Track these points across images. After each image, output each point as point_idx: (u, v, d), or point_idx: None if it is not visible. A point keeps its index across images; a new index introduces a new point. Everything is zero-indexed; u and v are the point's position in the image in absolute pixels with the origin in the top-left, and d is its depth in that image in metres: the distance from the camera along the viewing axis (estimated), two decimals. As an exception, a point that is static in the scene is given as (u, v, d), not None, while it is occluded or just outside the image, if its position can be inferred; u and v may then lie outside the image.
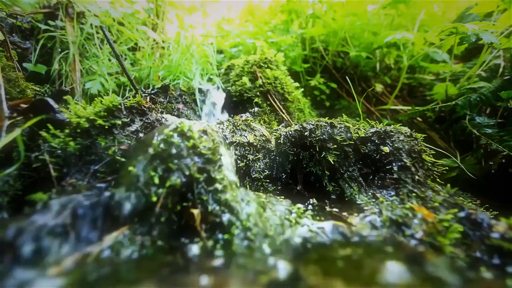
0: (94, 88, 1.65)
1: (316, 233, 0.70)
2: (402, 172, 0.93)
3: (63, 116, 0.89)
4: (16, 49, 1.60)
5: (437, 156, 1.11)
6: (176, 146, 0.70)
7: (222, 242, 0.62)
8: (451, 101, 1.59)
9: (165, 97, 1.63)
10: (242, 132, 1.15)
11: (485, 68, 1.86)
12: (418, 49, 2.03)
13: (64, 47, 1.80)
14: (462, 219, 0.72)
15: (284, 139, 1.11)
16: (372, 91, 2.33)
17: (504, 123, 1.50)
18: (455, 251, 0.64)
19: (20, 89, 1.28)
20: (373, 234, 0.71)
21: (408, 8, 2.16)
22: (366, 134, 1.02)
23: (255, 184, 1.03)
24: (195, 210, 0.65)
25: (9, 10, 1.67)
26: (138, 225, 0.63)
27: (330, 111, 2.32)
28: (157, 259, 0.57)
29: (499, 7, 1.65)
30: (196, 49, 2.07)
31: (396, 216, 0.75)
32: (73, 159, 0.82)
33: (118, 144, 0.87)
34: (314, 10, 2.41)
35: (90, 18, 1.78)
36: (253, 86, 1.79)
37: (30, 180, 0.81)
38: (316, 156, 1.03)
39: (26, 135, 0.85)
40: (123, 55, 1.96)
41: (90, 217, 0.63)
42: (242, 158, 1.05)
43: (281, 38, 2.39)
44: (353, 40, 2.32)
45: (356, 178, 0.98)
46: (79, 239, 0.59)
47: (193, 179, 0.68)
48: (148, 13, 2.33)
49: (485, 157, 1.41)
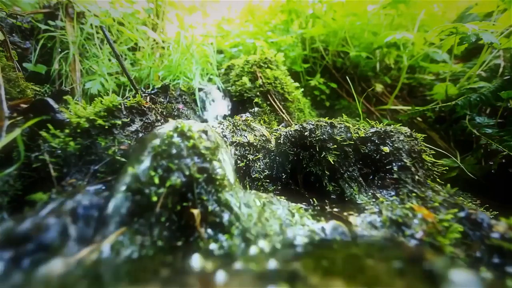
0: (94, 88, 1.65)
1: (316, 233, 0.70)
2: (402, 172, 0.93)
3: (63, 116, 0.89)
4: (16, 49, 1.60)
5: (437, 156, 1.11)
6: (176, 146, 0.70)
7: (222, 242, 0.62)
8: (451, 101, 1.59)
9: (165, 97, 1.62)
10: (242, 132, 1.15)
11: (485, 68, 1.86)
12: (418, 49, 2.03)
13: (64, 47, 1.80)
14: (462, 219, 0.72)
15: (284, 139, 1.11)
16: (372, 91, 2.33)
17: (504, 123, 1.50)
18: (455, 251, 0.64)
19: (20, 89, 1.28)
20: (373, 234, 0.71)
21: (408, 8, 2.16)
22: (366, 134, 1.02)
23: (255, 184, 1.03)
24: (195, 210, 0.65)
25: (9, 10, 1.67)
26: (138, 225, 0.63)
27: (330, 111, 2.32)
28: (157, 259, 0.57)
29: (499, 7, 1.65)
30: (196, 49, 2.07)
31: (396, 216, 0.75)
32: (73, 159, 0.82)
33: (118, 144, 0.87)
34: (314, 10, 2.41)
35: (90, 18, 1.78)
36: (253, 86, 1.79)
37: (30, 180, 0.81)
38: (316, 156, 1.03)
39: (26, 135, 0.85)
40: (123, 55, 1.96)
41: (90, 217, 0.63)
42: (242, 158, 1.05)
43: (281, 38, 2.39)
44: (353, 40, 2.32)
45: (356, 178, 0.98)
46: (79, 239, 0.59)
47: (193, 179, 0.68)
48: (148, 13, 2.33)
49: (485, 157, 1.41)
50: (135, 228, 0.62)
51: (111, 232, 0.60)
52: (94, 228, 0.62)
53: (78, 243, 0.58)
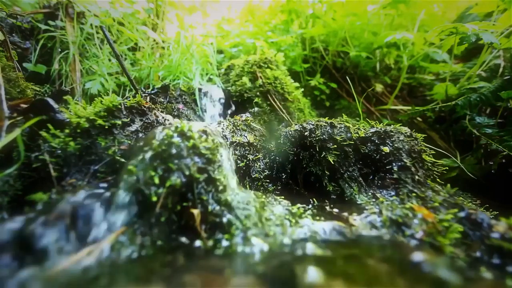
0: (94, 88, 1.65)
1: (316, 233, 0.70)
2: (402, 172, 0.93)
3: (63, 116, 0.89)
4: (16, 49, 1.60)
5: (437, 156, 1.11)
6: (176, 146, 0.70)
7: (222, 242, 0.62)
8: (451, 101, 1.59)
9: (165, 97, 1.62)
10: (242, 132, 1.15)
11: (485, 68, 1.86)
12: (418, 49, 2.03)
13: (64, 47, 1.80)
14: (462, 219, 0.72)
15: (284, 139, 1.11)
16: (372, 91, 2.33)
17: (504, 123, 1.50)
18: (455, 251, 0.64)
19: (20, 89, 1.28)
20: (373, 234, 0.71)
21: (408, 8, 2.16)
22: (366, 134, 1.02)
23: (255, 184, 1.03)
24: (195, 210, 0.65)
25: (9, 10, 1.67)
26: (138, 225, 0.63)
27: (330, 111, 2.32)
28: (157, 259, 0.57)
29: (499, 7, 1.65)
30: (196, 49, 2.07)
31: (396, 216, 0.75)
32: (73, 159, 0.82)
33: (118, 144, 0.87)
34: (314, 10, 2.41)
35: (90, 18, 1.78)
36: (253, 86, 1.79)
37: (30, 180, 0.81)
38: (316, 156, 1.03)
39: (26, 135, 0.85)
40: (123, 55, 1.96)
41: (90, 217, 0.63)
42: (242, 158, 1.05)
43: (281, 38, 2.39)
44: (353, 40, 2.32)
45: (356, 178, 0.98)
46: (79, 239, 0.59)
47: (193, 179, 0.68)
48: (148, 13, 2.33)
49: (485, 157, 1.41)
50: (135, 228, 0.62)
51: (111, 232, 0.60)
52: (94, 228, 0.62)
53: (78, 243, 0.58)
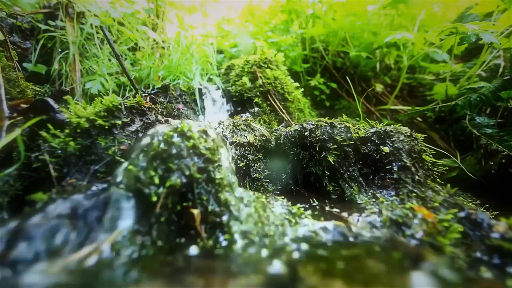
0: (94, 88, 1.65)
1: (316, 233, 0.70)
2: (402, 172, 0.93)
3: (63, 116, 0.89)
4: (16, 49, 1.60)
5: (437, 156, 1.11)
6: (176, 146, 0.70)
7: (222, 242, 0.62)
8: (451, 101, 1.59)
9: (165, 97, 1.62)
10: (242, 132, 1.15)
11: (485, 68, 1.86)
12: (418, 49, 2.03)
13: (64, 47, 1.80)
14: (462, 219, 0.72)
15: (284, 139, 1.11)
16: (372, 91, 2.33)
17: (504, 123, 1.50)
18: (455, 251, 0.64)
19: (20, 89, 1.28)
20: (373, 234, 0.71)
21: (408, 8, 2.16)
22: (366, 134, 1.02)
23: (255, 184, 1.03)
24: (195, 210, 0.65)
25: (9, 10, 1.67)
26: (138, 225, 0.63)
27: (330, 111, 2.32)
28: (157, 259, 0.57)
29: (499, 7, 1.65)
30: (196, 49, 2.07)
31: (396, 216, 0.75)
32: (73, 159, 0.82)
33: (118, 144, 0.87)
34: (314, 10, 2.41)
35: (90, 18, 1.78)
36: (253, 86, 1.79)
37: (30, 180, 0.81)
38: (316, 156, 1.03)
39: (26, 135, 0.85)
40: (123, 55, 1.96)
41: (90, 217, 0.63)
42: (242, 158, 1.05)
43: (281, 38, 2.39)
44: (353, 40, 2.32)
45: (356, 178, 0.98)
46: (78, 239, 0.59)
47: (193, 179, 0.68)
48: (148, 13, 2.33)
49: (485, 157, 1.41)
50: (135, 228, 0.62)
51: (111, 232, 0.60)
52: (93, 228, 0.62)
53: (78, 243, 0.58)
